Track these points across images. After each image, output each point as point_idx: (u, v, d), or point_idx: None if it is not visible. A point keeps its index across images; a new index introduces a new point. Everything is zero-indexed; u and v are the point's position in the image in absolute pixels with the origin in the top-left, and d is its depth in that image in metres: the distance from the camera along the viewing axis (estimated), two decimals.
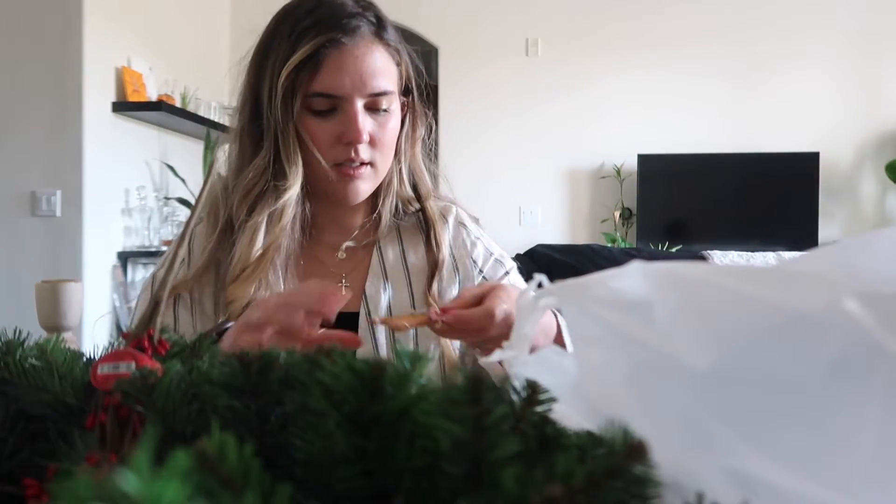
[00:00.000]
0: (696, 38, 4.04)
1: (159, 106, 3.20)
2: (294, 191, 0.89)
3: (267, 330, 0.65)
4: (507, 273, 1.01)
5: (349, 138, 0.88)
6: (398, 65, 0.93)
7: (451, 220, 1.02)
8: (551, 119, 4.17)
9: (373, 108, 0.89)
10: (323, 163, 0.88)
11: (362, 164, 0.90)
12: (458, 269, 0.99)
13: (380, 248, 0.98)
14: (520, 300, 0.41)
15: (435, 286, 0.95)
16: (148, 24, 3.42)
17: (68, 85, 2.93)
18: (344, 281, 0.96)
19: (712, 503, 0.24)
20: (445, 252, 0.97)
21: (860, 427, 0.28)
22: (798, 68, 3.99)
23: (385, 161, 0.93)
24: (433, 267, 0.96)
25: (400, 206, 1.00)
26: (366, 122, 0.88)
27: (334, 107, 0.88)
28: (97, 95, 3.04)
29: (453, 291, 0.97)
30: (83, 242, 2.97)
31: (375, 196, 0.98)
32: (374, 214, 0.98)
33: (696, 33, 4.04)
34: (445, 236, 0.99)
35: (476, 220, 1.06)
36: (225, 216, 0.92)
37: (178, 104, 3.46)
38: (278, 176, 0.89)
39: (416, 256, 0.98)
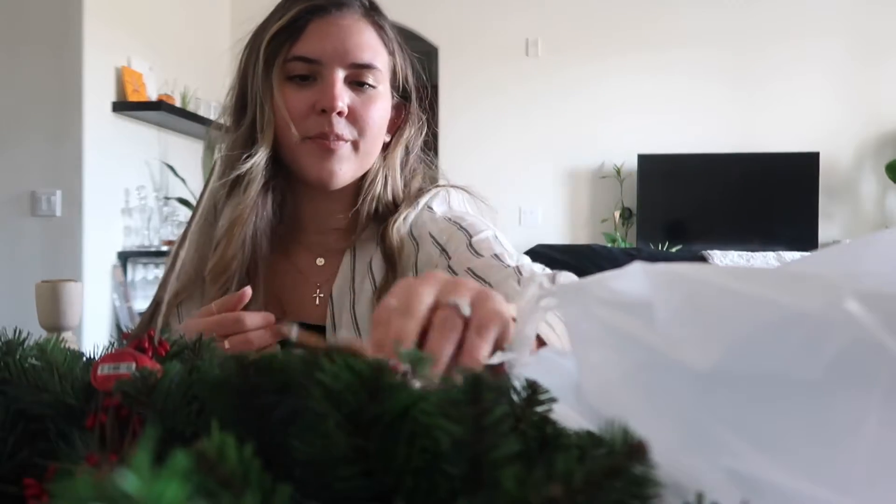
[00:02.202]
0: (697, 39, 4.04)
1: (159, 106, 3.20)
2: (261, 157, 0.85)
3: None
4: (469, 244, 0.86)
5: (323, 105, 0.83)
6: (390, 53, 0.89)
7: (421, 203, 0.92)
8: (551, 119, 4.17)
9: (356, 81, 0.86)
10: (293, 131, 0.84)
11: (340, 138, 0.85)
12: (416, 252, 0.89)
13: (354, 252, 0.91)
14: (521, 302, 0.41)
15: (391, 277, 0.87)
16: (148, 24, 3.42)
17: (68, 85, 2.93)
18: (318, 291, 0.92)
19: (712, 503, 0.24)
20: (395, 239, 0.88)
21: (861, 427, 0.28)
22: (798, 68, 3.99)
23: (368, 144, 0.88)
24: (388, 256, 0.88)
25: (381, 209, 0.93)
26: (344, 93, 0.84)
27: (314, 75, 0.85)
28: (97, 95, 3.04)
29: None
30: (83, 242, 2.97)
31: (356, 193, 0.92)
32: (353, 211, 0.92)
33: (697, 33, 4.04)
34: (402, 223, 0.90)
35: (474, 197, 0.99)
36: (210, 202, 0.91)
37: (178, 104, 3.46)
38: (252, 145, 0.87)
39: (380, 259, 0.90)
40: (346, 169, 0.88)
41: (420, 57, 0.99)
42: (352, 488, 0.27)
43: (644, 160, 4.01)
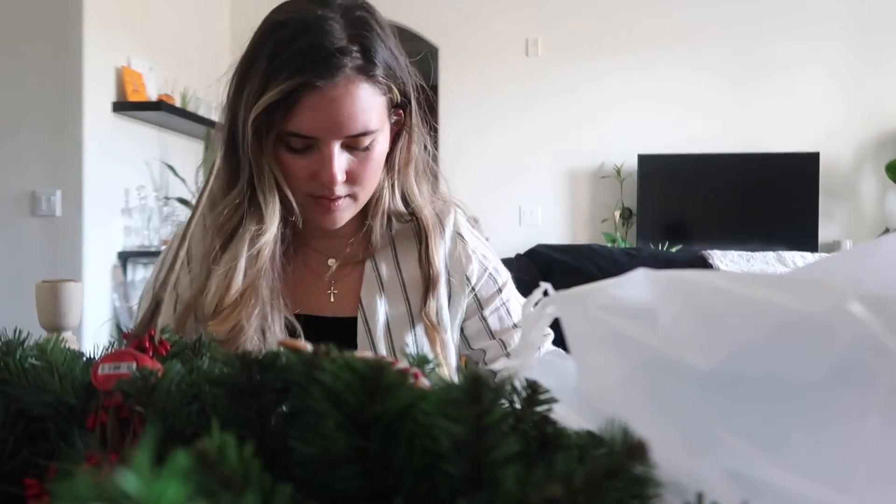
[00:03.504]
0: (697, 38, 4.04)
1: (159, 106, 3.20)
2: (270, 234, 0.86)
3: None
4: (499, 290, 0.98)
5: (322, 179, 0.84)
6: (386, 94, 0.86)
7: (448, 229, 0.98)
8: (551, 119, 4.17)
9: (352, 146, 0.85)
10: (293, 200, 0.86)
11: (339, 197, 0.87)
12: (450, 283, 0.96)
13: (374, 260, 0.95)
14: (525, 309, 0.41)
15: (433, 304, 0.93)
16: (148, 24, 3.42)
17: (68, 85, 2.93)
18: (333, 288, 0.95)
19: (712, 503, 0.24)
20: (440, 268, 0.94)
21: (862, 428, 0.28)
22: (798, 68, 3.99)
23: (366, 191, 0.90)
24: (427, 283, 0.93)
25: (394, 219, 0.97)
26: (342, 162, 0.84)
27: (310, 145, 0.83)
28: (97, 95, 3.04)
29: (445, 306, 0.95)
30: (83, 242, 2.97)
31: (366, 209, 0.94)
32: (364, 229, 0.95)
33: (696, 33, 4.04)
34: (441, 250, 0.96)
35: (475, 221, 1.04)
36: (204, 246, 0.90)
37: (178, 104, 3.46)
38: (254, 216, 0.86)
39: (412, 269, 0.95)
40: (347, 216, 0.91)
41: (418, 58, 0.97)
42: (352, 488, 0.27)
43: (644, 160, 4.00)
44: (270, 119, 0.81)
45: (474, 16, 4.20)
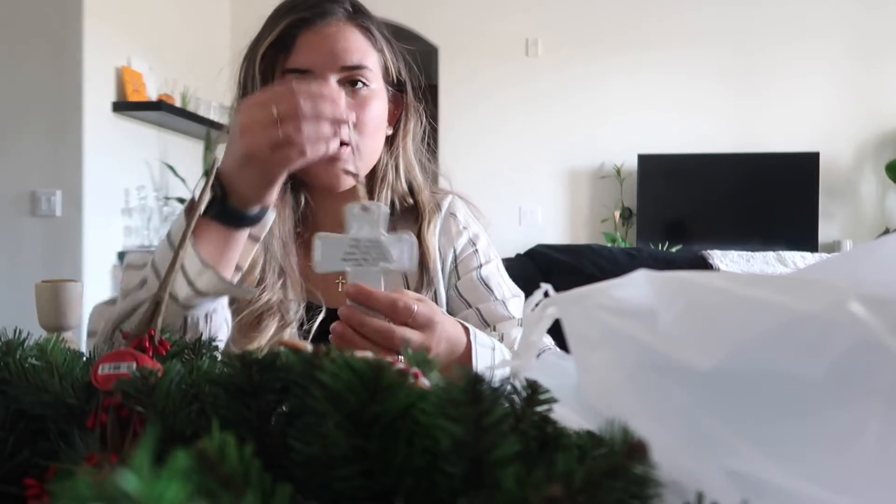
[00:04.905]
0: (697, 39, 4.04)
1: (159, 106, 3.20)
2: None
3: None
4: (479, 266, 1.00)
5: None
6: (379, 51, 0.93)
7: (444, 209, 1.02)
8: (551, 119, 4.17)
9: (349, 82, 0.89)
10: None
11: (342, 143, 0.90)
12: (441, 257, 1.00)
13: None
14: (526, 309, 0.41)
15: (428, 282, 0.95)
16: (148, 24, 3.42)
17: (68, 85, 2.93)
18: (341, 277, 0.96)
19: (712, 503, 0.24)
20: (434, 244, 0.98)
21: (862, 428, 0.28)
22: (798, 68, 3.99)
23: (368, 144, 0.92)
24: (422, 262, 0.96)
25: (396, 201, 1.00)
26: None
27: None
28: (97, 95, 3.04)
29: (441, 284, 0.98)
30: (83, 242, 2.97)
31: (370, 190, 0.97)
32: None
33: (697, 34, 4.04)
34: (434, 229, 0.99)
35: (475, 210, 1.07)
36: None
37: (178, 104, 3.46)
38: None
39: None
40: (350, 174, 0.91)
41: (411, 48, 1.01)
42: (352, 488, 0.27)
43: (644, 160, 4.01)
44: (272, 63, 0.88)
45: (474, 16, 4.20)
